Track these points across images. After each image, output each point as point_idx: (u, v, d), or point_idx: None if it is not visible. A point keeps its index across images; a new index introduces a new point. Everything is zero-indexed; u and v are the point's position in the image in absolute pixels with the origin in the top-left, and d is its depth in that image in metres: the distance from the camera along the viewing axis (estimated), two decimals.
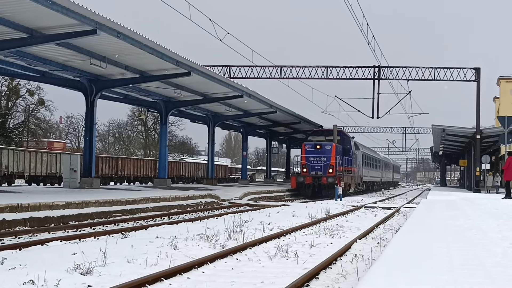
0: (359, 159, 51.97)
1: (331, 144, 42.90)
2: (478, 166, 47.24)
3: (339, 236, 15.40)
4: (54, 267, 9.06)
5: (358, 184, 51.81)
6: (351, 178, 46.74)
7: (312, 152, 42.88)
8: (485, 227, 13.26)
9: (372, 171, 64.18)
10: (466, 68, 44.67)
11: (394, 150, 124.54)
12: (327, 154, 42.45)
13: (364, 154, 56.33)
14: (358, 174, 51.75)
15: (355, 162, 49.26)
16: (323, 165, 42.41)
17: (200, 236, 13.45)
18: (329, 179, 41.51)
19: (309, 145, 43.43)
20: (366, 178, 57.86)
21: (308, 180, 42.37)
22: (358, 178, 51.27)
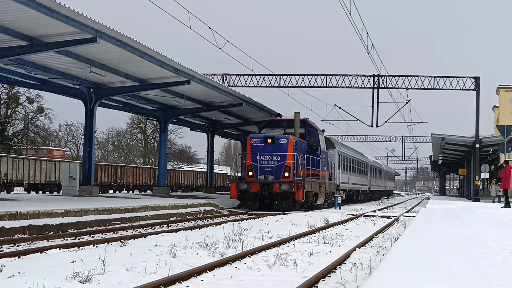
0: (334, 160, 40.75)
1: (288, 137, 31.27)
2: (478, 175, 47.23)
3: (338, 244, 15.38)
4: (53, 275, 9.04)
5: (333, 194, 39.32)
6: (318, 185, 34.60)
7: (260, 148, 31.15)
8: (484, 236, 13.25)
9: (356, 177, 52.39)
10: (465, 77, 44.72)
11: (394, 159, 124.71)
12: (282, 151, 30.90)
13: (343, 155, 45.17)
14: (333, 180, 39.76)
15: (327, 164, 37.47)
16: (276, 166, 30.88)
17: (199, 245, 13.43)
18: (282, 186, 30.20)
19: (257, 138, 31.59)
20: (345, 185, 45.97)
21: (255, 187, 30.72)
22: (331, 186, 39.07)
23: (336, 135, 75.65)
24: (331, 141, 42.37)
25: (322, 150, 35.53)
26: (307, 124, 35.02)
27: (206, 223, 22.01)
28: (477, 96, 45.02)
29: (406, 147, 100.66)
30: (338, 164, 42.60)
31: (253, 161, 31.17)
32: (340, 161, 43.79)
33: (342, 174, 44.76)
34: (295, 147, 31.24)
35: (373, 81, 45.50)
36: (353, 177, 50.83)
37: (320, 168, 34.91)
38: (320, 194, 35.11)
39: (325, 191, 36.59)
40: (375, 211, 35.45)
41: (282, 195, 30.66)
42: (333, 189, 39.74)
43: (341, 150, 44.82)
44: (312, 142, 34.69)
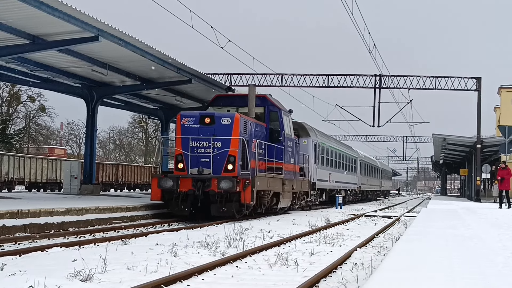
0: (309, 152, 32.95)
1: (233, 115, 22.97)
2: (479, 176, 47.23)
3: (339, 244, 15.39)
4: (54, 274, 9.05)
5: (306, 194, 31.95)
6: (280, 182, 26.11)
7: (194, 131, 22.92)
8: (485, 236, 13.24)
9: (340, 174, 43.76)
10: (467, 77, 44.69)
11: (395, 159, 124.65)
12: (224, 135, 22.65)
13: (321, 145, 36.52)
14: (307, 177, 31.92)
15: (296, 156, 29.07)
16: (215, 155, 22.59)
17: (200, 244, 13.43)
18: (222, 183, 21.72)
19: (190, 117, 23.14)
20: (324, 183, 37.83)
21: (185, 184, 22.36)
22: (303, 183, 30.81)
23: (338, 135, 75.67)
24: (305, 127, 34.06)
25: (287, 136, 26.78)
26: (268, 102, 26.31)
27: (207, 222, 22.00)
28: (478, 96, 45.00)
29: (407, 147, 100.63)
30: (314, 156, 34.34)
31: (184, 148, 22.63)
32: (318, 153, 35.40)
33: (320, 170, 36.19)
34: (243, 129, 23.00)
35: (375, 81, 45.49)
36: (336, 174, 42.11)
37: (283, 160, 26.20)
38: (284, 194, 26.54)
39: (291, 190, 27.78)
40: (376, 211, 35.45)
41: (223, 196, 22.18)
42: (306, 187, 31.40)
43: (318, 140, 35.77)
44: (274, 126, 26.22)
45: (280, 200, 26.37)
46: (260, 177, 23.39)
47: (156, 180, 22.87)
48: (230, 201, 22.29)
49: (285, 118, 26.99)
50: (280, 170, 26.09)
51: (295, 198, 29.47)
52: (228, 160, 22.49)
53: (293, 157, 28.17)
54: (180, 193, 22.47)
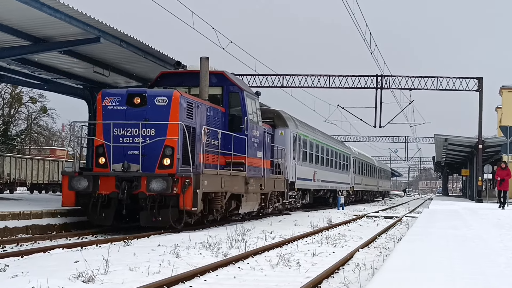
0: (286, 145, 27.82)
1: (170, 93, 17.90)
2: (480, 176, 47.21)
3: (341, 245, 15.39)
4: (57, 275, 9.06)
5: (281, 195, 26.94)
6: (243, 181, 20.96)
7: (120, 115, 17.75)
8: (487, 237, 13.25)
9: (328, 172, 38.53)
10: (468, 78, 44.68)
11: (397, 159, 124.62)
12: (158, 119, 17.57)
13: (302, 138, 31.34)
14: (284, 174, 26.85)
15: (267, 149, 23.95)
16: (147, 146, 17.43)
17: (203, 245, 13.45)
18: (152, 184, 16.69)
19: (114, 96, 18.10)
20: (306, 183, 32.41)
21: (106, 185, 17.31)
22: (276, 183, 25.32)
23: (339, 135, 75.64)
24: (282, 116, 28.57)
25: (251, 124, 21.49)
26: (227, 81, 21.25)
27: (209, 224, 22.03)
28: (480, 96, 44.97)
29: (409, 147, 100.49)
30: (294, 151, 29.24)
31: (105, 137, 17.46)
32: (298, 147, 30.20)
33: (302, 167, 31.03)
34: (186, 112, 17.89)
35: (376, 81, 45.48)
36: (323, 172, 36.59)
37: (247, 153, 20.98)
38: (247, 196, 21.39)
39: (259, 190, 22.57)
40: (378, 211, 35.47)
41: (155, 200, 16.86)
42: (282, 187, 26.22)
43: (299, 131, 30.37)
44: (235, 111, 21.21)
45: (242, 203, 20.93)
46: (209, 174, 17.87)
47: (66, 180, 17.44)
48: (165, 207, 16.83)
49: (250, 101, 21.55)
50: (242, 165, 20.75)
51: (265, 200, 24.13)
52: (164, 153, 17.23)
53: (261, 150, 22.63)
54: (100, 197, 17.22)
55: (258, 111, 22.82)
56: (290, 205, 29.63)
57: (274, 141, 26.37)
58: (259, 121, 22.80)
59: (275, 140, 26.71)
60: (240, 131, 20.88)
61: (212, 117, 19.97)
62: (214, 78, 21.01)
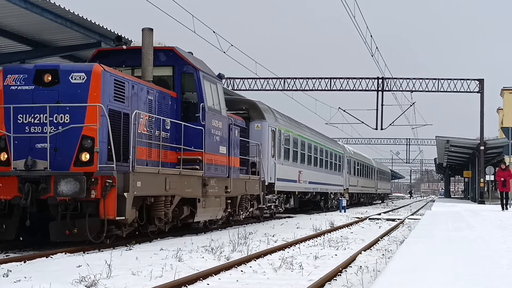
0: (263, 140, 24.08)
1: (89, 68, 13.74)
2: (482, 177, 47.20)
3: (343, 247, 15.38)
4: (59, 279, 9.07)
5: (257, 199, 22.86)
6: (200, 182, 17.10)
7: (25, 97, 13.56)
8: (490, 238, 13.24)
9: (317, 173, 34.57)
10: (469, 79, 44.70)
11: (398, 161, 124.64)
12: (73, 101, 13.44)
13: (284, 133, 27.56)
14: (260, 175, 22.99)
15: (234, 144, 20.06)
16: (59, 137, 13.33)
17: (205, 248, 13.45)
18: (62, 185, 12.79)
19: (19, 73, 13.79)
20: (289, 184, 28.49)
21: (6, 188, 13.18)
22: (249, 185, 21.52)
23: (341, 138, 75.68)
24: (258, 107, 24.78)
25: (211, 112, 17.53)
26: (178, 59, 17.28)
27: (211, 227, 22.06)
28: (481, 98, 44.98)
29: (410, 149, 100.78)
30: (273, 147, 25.47)
31: (6, 126, 13.55)
32: (278, 144, 26.40)
33: (283, 166, 27.20)
34: (113, 92, 14.04)
35: (377, 84, 45.52)
36: (310, 173, 32.84)
37: (204, 148, 17.00)
38: (207, 201, 17.50)
39: (224, 193, 18.85)
40: (380, 214, 35.46)
41: (68, 207, 13.23)
42: (255, 190, 22.26)
43: (280, 125, 26.71)
44: (189, 96, 17.40)
45: (198, 209, 16.90)
46: (144, 173, 13.93)
47: None
48: (82, 216, 13.16)
49: (209, 85, 17.74)
50: (198, 163, 16.83)
51: (233, 205, 20.29)
52: (81, 146, 13.25)
53: (225, 145, 18.70)
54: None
55: (221, 98, 18.65)
56: (270, 210, 26.05)
57: (249, 136, 23.09)
58: (222, 110, 18.52)
59: (250, 135, 23.34)
60: (195, 120, 16.92)
61: (158, 102, 15.82)
62: (162, 56, 17.25)
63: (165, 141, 15.91)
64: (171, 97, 16.83)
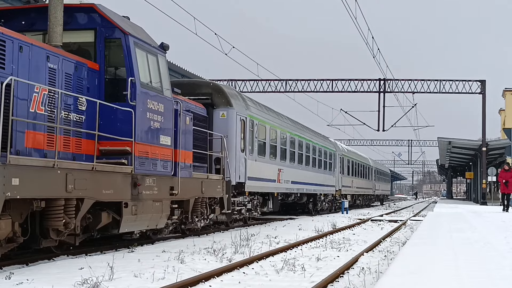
0: (232, 132, 20.54)
1: None
2: (485, 179, 47.18)
3: (346, 249, 15.38)
4: (61, 282, 9.08)
5: (214, 203, 18.85)
6: (128, 181, 13.07)
7: None
8: (492, 239, 13.23)
9: (302, 172, 30.61)
10: (471, 80, 44.69)
11: (400, 162, 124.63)
12: None
13: (258, 124, 23.39)
14: (224, 173, 19.34)
15: (184, 133, 16.04)
16: None
17: (207, 250, 13.46)
18: None
19: None
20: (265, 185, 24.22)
21: None
22: (207, 185, 17.59)
23: (343, 140, 75.69)
24: (223, 91, 20.74)
25: (146, 91, 13.95)
26: (102, 20, 13.67)
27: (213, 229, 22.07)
28: (483, 99, 44.96)
29: (412, 151, 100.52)
30: (242, 139, 21.40)
31: None
32: (249, 135, 22.15)
33: (256, 163, 22.89)
34: None
35: (379, 85, 45.52)
36: (293, 172, 28.87)
37: (135, 136, 13.35)
38: (139, 205, 13.64)
39: (169, 196, 15.12)
40: (382, 215, 35.44)
41: None
42: (218, 191, 18.58)
43: (251, 114, 22.40)
44: (116, 70, 13.90)
45: (123, 217, 12.94)
46: (28, 167, 10.22)
47: None
48: None
49: (143, 55, 13.97)
50: (126, 155, 13.19)
51: (185, 211, 16.46)
52: None
53: (169, 134, 14.96)
54: None
55: (164, 75, 14.82)
56: (240, 216, 21.98)
57: (212, 126, 19.63)
58: (165, 90, 14.70)
59: (214, 125, 19.77)
60: (123, 101, 13.21)
61: (66, 74, 12.30)
62: (82, 17, 13.71)
63: (77, 125, 12.38)
64: (89, 69, 13.09)
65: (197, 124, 17.56)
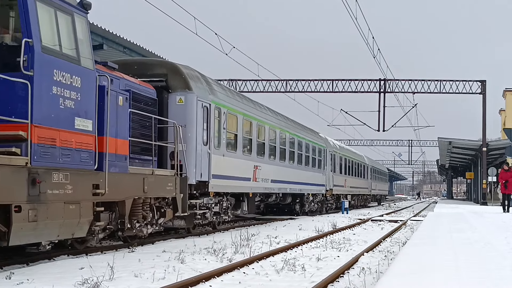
0: (191, 120, 17.08)
1: None
2: (485, 179, 47.18)
3: (346, 249, 15.38)
4: (62, 282, 9.08)
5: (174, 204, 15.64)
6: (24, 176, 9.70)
7: None
8: (492, 240, 13.23)
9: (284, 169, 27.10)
10: (471, 80, 44.70)
11: (401, 163, 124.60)
12: None
13: (226, 111, 19.81)
14: (183, 168, 16.31)
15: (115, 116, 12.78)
16: None
17: (207, 250, 13.47)
18: None
19: None
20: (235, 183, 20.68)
21: None
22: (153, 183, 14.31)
23: (343, 140, 75.69)
24: (180, 71, 17.45)
25: (50, 57, 10.50)
26: None
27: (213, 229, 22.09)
28: (483, 99, 44.97)
29: (412, 151, 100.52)
30: (205, 130, 17.92)
31: None
32: (214, 125, 18.68)
33: (223, 158, 19.49)
34: None
35: (380, 85, 45.53)
36: (273, 169, 25.32)
37: (35, 118, 10.01)
38: (43, 210, 10.13)
39: (91, 196, 11.81)
40: (382, 215, 35.44)
41: None
42: (169, 190, 15.31)
43: (216, 99, 18.99)
44: (9, 30, 10.77)
45: (13, 225, 9.57)
46: None
47: None
48: None
49: (50, 12, 10.87)
50: (18, 141, 10.03)
51: (121, 215, 13.36)
52: None
53: (89, 116, 11.80)
54: None
55: (82, 40, 11.71)
56: (204, 220, 18.45)
57: (167, 113, 16.64)
58: (83, 59, 11.60)
59: (170, 112, 16.72)
60: (14, 70, 10.05)
61: None
62: None
63: None
64: None
65: (141, 108, 14.52)
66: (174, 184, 15.42)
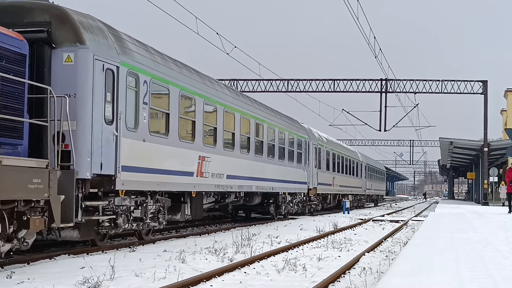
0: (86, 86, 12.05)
1: None
2: (486, 179, 47.15)
3: (347, 249, 15.36)
4: (62, 281, 9.08)
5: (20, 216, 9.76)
6: None
7: None
8: (494, 240, 13.22)
9: (250, 162, 22.10)
10: (473, 81, 44.70)
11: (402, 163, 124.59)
12: None
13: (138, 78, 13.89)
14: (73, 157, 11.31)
15: None
16: None
17: (208, 250, 13.46)
18: None
19: None
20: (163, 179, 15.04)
21: None
22: None
23: (344, 140, 75.61)
24: (68, 18, 12.18)
25: None
26: None
27: (215, 228, 22.05)
28: (485, 99, 44.96)
29: (414, 151, 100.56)
30: (112, 104, 12.99)
31: None
32: (124, 98, 13.39)
33: (144, 144, 14.22)
34: None
35: (381, 85, 45.52)
36: (232, 161, 20.32)
37: None
38: None
39: None
40: (383, 215, 35.41)
41: None
42: (27, 191, 9.54)
43: (129, 62, 13.69)
44: None
45: None
46: None
47: None
48: None
49: None
50: None
51: None
52: None
53: None
54: None
55: None
56: (117, 229, 13.45)
57: (50, 78, 11.93)
58: None
59: (53, 76, 11.96)
60: None
61: None
62: None
63: None
64: None
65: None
66: (44, 181, 9.99)
